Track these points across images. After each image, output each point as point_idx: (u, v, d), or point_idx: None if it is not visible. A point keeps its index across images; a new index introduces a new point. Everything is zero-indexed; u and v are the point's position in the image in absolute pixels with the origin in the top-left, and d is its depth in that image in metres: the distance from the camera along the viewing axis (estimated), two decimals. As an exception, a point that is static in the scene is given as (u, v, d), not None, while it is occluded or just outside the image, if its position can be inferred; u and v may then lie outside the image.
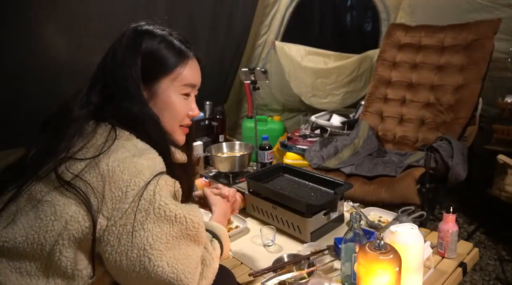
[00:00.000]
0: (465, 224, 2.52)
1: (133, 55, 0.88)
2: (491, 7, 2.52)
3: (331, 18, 3.90)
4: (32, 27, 2.16)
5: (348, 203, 1.68)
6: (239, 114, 4.03)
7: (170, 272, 0.77)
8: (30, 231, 0.74)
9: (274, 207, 1.50)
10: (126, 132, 0.84)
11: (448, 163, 2.01)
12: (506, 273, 2.07)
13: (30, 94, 2.24)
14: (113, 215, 0.74)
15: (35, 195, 0.77)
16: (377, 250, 0.90)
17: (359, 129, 2.58)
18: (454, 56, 2.47)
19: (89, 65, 1.00)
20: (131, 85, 0.87)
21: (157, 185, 0.77)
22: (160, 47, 0.91)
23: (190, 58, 0.95)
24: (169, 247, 0.78)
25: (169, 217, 0.77)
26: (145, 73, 0.89)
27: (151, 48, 0.90)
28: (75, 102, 0.88)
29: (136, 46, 0.89)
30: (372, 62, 3.07)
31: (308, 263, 1.22)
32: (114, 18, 2.41)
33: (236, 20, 3.37)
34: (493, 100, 2.52)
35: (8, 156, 0.90)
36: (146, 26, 0.94)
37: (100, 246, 0.75)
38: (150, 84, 0.90)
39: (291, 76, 3.48)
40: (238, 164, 1.87)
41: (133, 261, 0.75)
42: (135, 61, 0.88)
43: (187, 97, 0.96)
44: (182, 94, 0.94)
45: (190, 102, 0.97)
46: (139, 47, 0.89)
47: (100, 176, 0.75)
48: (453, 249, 1.26)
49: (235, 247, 1.41)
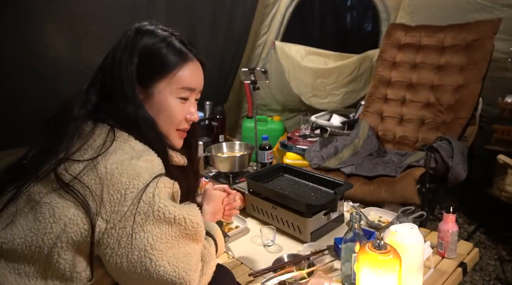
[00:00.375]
0: (465, 224, 2.52)
1: (130, 54, 0.87)
2: (491, 7, 2.52)
3: (331, 18, 3.90)
4: (32, 27, 2.16)
5: (348, 203, 1.68)
6: (239, 114, 4.02)
7: (172, 271, 0.77)
8: (28, 233, 0.74)
9: (274, 207, 1.50)
10: (124, 133, 0.84)
11: (448, 163, 2.01)
12: (506, 273, 2.07)
13: (30, 94, 2.23)
14: (112, 218, 0.74)
15: (33, 196, 0.77)
16: (377, 250, 0.90)
17: (359, 129, 2.58)
18: (454, 56, 2.47)
19: (89, 65, 1.00)
20: (126, 85, 0.86)
21: (156, 187, 0.77)
22: (159, 46, 0.89)
23: (190, 60, 0.93)
24: (169, 247, 0.78)
25: (168, 218, 0.77)
26: (142, 73, 0.88)
27: (149, 47, 0.89)
28: (75, 102, 0.87)
29: (134, 45, 0.88)
30: (372, 62, 3.07)
31: (308, 263, 1.22)
32: (114, 19, 2.41)
33: (236, 20, 3.37)
34: (493, 100, 2.52)
35: (8, 156, 0.90)
36: (148, 26, 0.92)
37: (100, 249, 0.75)
38: (147, 85, 0.89)
39: (291, 76, 3.48)
40: (238, 164, 1.87)
41: (134, 263, 0.74)
42: (132, 60, 0.87)
43: (184, 101, 0.93)
44: (179, 97, 0.92)
45: (189, 106, 0.95)
46: (137, 47, 0.88)
47: (98, 178, 0.75)
48: (453, 249, 1.26)
49: (235, 247, 1.41)
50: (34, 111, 1.56)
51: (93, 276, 0.77)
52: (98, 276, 0.78)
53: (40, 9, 2.16)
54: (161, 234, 0.76)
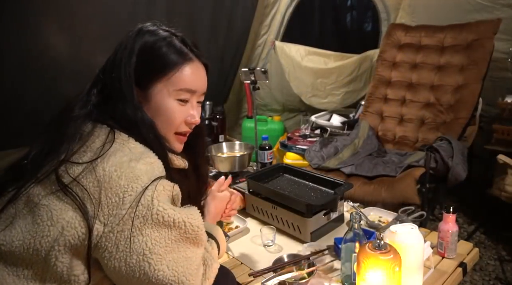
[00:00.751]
0: (465, 224, 2.52)
1: (129, 55, 0.86)
2: (491, 7, 2.52)
3: (331, 18, 3.90)
4: (32, 27, 2.16)
5: (348, 203, 1.68)
6: (239, 114, 4.03)
7: (171, 275, 0.76)
8: (27, 235, 0.74)
9: (274, 207, 1.50)
10: (124, 135, 0.83)
11: (448, 163, 2.01)
12: (506, 273, 2.07)
13: (30, 95, 2.24)
14: (110, 221, 0.73)
15: (32, 198, 0.77)
16: (377, 250, 0.90)
17: (359, 129, 2.58)
18: (454, 56, 2.47)
19: (89, 65, 1.00)
20: (124, 86, 0.84)
21: (155, 190, 0.75)
22: (158, 45, 0.88)
23: (190, 61, 0.90)
24: (169, 251, 0.77)
25: (168, 222, 0.76)
26: (140, 73, 0.86)
27: (148, 45, 0.87)
28: (76, 102, 0.87)
29: (134, 45, 0.87)
30: (372, 62, 3.07)
31: (308, 263, 1.22)
32: (114, 19, 2.41)
33: (236, 20, 3.37)
34: (493, 100, 2.52)
35: (8, 156, 0.90)
36: (150, 27, 0.91)
37: (98, 252, 0.74)
38: (145, 86, 0.87)
39: (291, 76, 3.48)
40: (238, 164, 1.87)
41: (132, 267, 0.74)
42: (130, 60, 0.86)
43: (184, 103, 0.90)
44: (178, 99, 0.89)
45: (188, 109, 0.92)
46: (136, 45, 0.87)
47: (96, 181, 0.74)
48: (453, 249, 1.26)
49: (235, 247, 1.41)
50: (34, 111, 1.57)
51: (92, 279, 0.76)
52: (96, 279, 0.77)
53: (40, 9, 2.17)
54: (160, 238, 0.75)
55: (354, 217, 1.12)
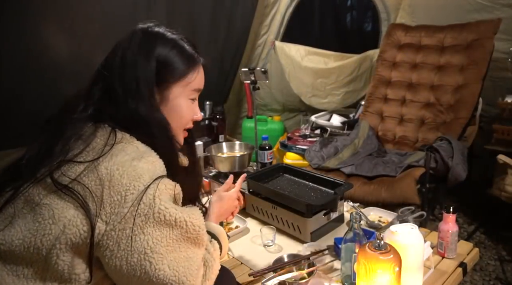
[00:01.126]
0: (465, 224, 2.52)
1: (147, 58, 0.87)
2: (491, 7, 2.52)
3: (331, 18, 3.89)
4: (32, 27, 2.16)
5: (348, 203, 1.68)
6: (239, 114, 4.02)
7: (172, 275, 0.76)
8: (27, 234, 0.73)
9: (274, 207, 1.50)
10: (126, 135, 0.83)
11: (448, 163, 2.01)
12: (506, 273, 2.07)
13: (30, 95, 2.23)
14: (111, 220, 0.73)
15: (33, 197, 0.77)
16: (377, 250, 0.90)
17: (359, 129, 2.58)
18: (454, 56, 2.47)
19: (89, 65, 1.00)
20: (143, 87, 0.86)
21: (157, 189, 0.76)
22: (173, 53, 0.91)
23: (200, 63, 0.96)
24: (170, 250, 0.77)
25: (169, 221, 0.76)
26: (157, 77, 0.89)
27: (164, 53, 0.90)
28: (75, 103, 0.87)
29: (150, 49, 0.88)
30: (372, 62, 3.07)
31: (308, 263, 1.22)
32: (114, 19, 2.41)
33: (236, 20, 3.37)
34: (493, 100, 2.52)
35: (8, 156, 0.90)
36: (156, 28, 0.93)
37: (99, 251, 0.74)
38: (161, 88, 0.90)
39: (291, 76, 3.48)
40: (238, 164, 1.87)
41: (133, 266, 0.74)
42: (150, 64, 0.87)
43: (193, 102, 0.97)
44: (190, 98, 0.95)
45: (195, 106, 0.98)
46: (153, 50, 0.88)
47: (98, 180, 0.74)
48: (453, 249, 1.26)
49: (235, 247, 1.41)
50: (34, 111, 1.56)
51: (92, 278, 0.76)
52: (97, 278, 0.77)
53: (40, 9, 2.16)
54: (161, 237, 0.76)
55: (354, 217, 1.12)
